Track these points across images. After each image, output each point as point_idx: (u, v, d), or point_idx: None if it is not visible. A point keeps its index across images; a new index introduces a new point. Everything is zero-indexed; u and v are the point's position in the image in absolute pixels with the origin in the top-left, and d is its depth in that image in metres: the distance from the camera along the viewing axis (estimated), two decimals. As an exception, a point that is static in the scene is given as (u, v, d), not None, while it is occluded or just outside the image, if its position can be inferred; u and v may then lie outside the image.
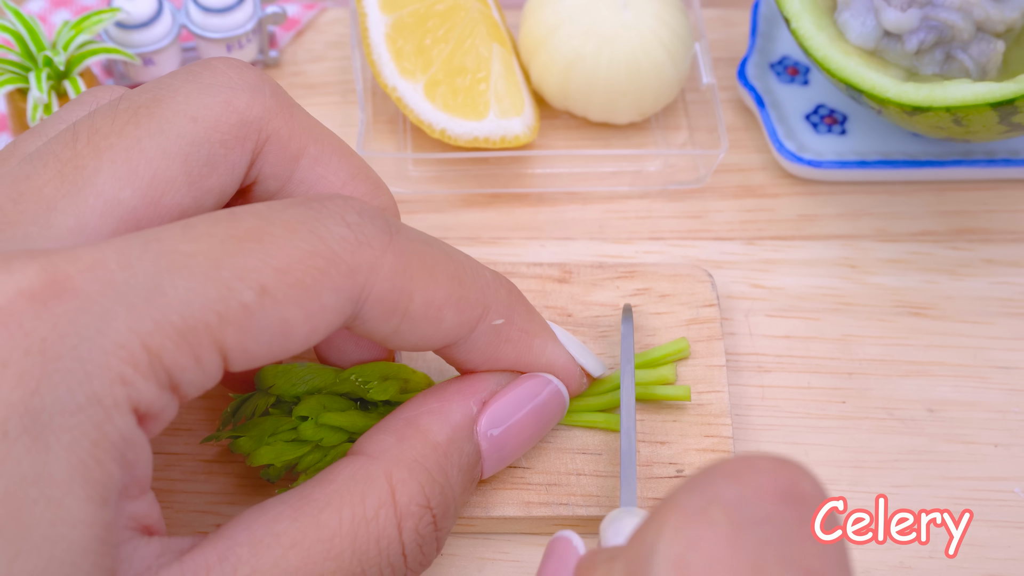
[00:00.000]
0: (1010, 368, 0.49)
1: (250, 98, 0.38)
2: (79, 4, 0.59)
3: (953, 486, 0.46)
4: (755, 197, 0.54)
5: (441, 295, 0.37)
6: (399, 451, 0.37)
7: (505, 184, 0.54)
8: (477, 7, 0.54)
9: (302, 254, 0.33)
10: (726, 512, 0.28)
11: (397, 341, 0.37)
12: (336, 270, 0.34)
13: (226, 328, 0.32)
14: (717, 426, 0.46)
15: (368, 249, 0.35)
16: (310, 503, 0.35)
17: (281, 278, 0.33)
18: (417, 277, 0.36)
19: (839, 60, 0.50)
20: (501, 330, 0.39)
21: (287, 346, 0.34)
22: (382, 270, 0.35)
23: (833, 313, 0.51)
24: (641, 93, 0.53)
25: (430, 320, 0.37)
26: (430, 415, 0.39)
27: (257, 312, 0.32)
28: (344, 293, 0.34)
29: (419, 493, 0.36)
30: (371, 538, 0.35)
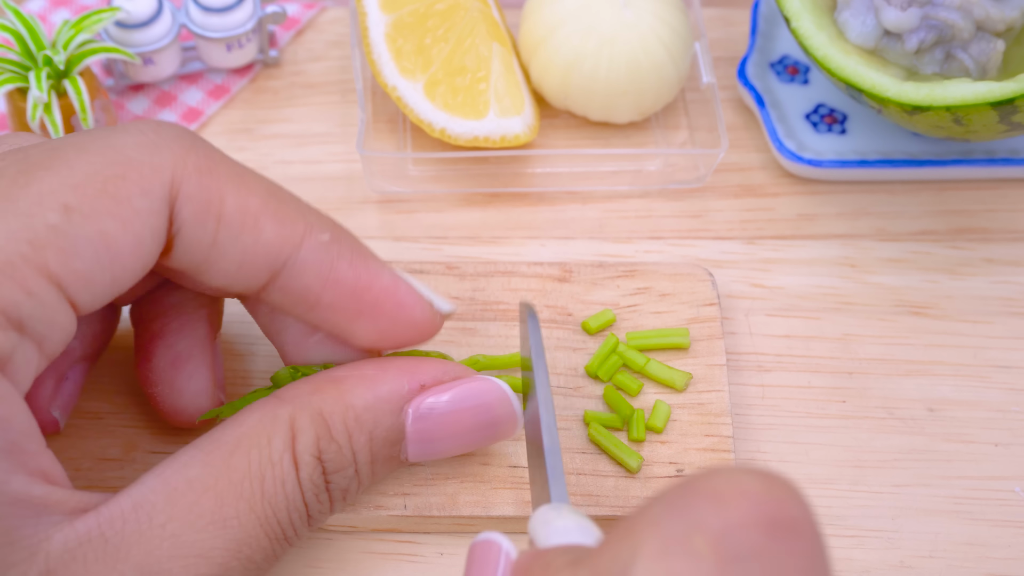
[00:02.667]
0: (1010, 367, 0.49)
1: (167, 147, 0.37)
2: (79, 3, 0.59)
3: (953, 486, 0.46)
4: (755, 196, 0.54)
5: (256, 202, 0.36)
6: (308, 400, 0.37)
7: (505, 183, 0.54)
8: (477, 6, 0.54)
9: (98, 167, 0.33)
10: (710, 544, 0.27)
11: (220, 257, 0.36)
12: (138, 173, 0.34)
13: (43, 253, 0.32)
14: (717, 425, 0.46)
15: (167, 150, 0.35)
16: (220, 446, 0.35)
17: (82, 192, 0.33)
18: (226, 179, 0.36)
19: (839, 59, 0.50)
20: (331, 247, 0.37)
21: (118, 261, 0.33)
22: (186, 167, 0.35)
23: (833, 312, 0.51)
24: (641, 92, 0.53)
25: (247, 227, 0.36)
26: (358, 379, 0.38)
27: (68, 230, 0.32)
28: (153, 194, 0.34)
29: (312, 444, 0.36)
30: (277, 481, 0.35)
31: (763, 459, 0.47)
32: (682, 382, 0.46)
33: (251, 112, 0.56)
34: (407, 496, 0.44)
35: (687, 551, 0.27)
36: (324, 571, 0.44)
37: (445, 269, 0.49)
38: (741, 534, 0.27)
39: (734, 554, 0.26)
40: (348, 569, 0.44)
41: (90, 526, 0.32)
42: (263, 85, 0.57)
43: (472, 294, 0.48)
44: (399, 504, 0.43)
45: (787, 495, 0.28)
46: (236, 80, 0.57)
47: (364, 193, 0.54)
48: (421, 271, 0.49)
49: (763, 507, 0.27)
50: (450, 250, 0.52)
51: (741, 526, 0.27)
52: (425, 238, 0.52)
